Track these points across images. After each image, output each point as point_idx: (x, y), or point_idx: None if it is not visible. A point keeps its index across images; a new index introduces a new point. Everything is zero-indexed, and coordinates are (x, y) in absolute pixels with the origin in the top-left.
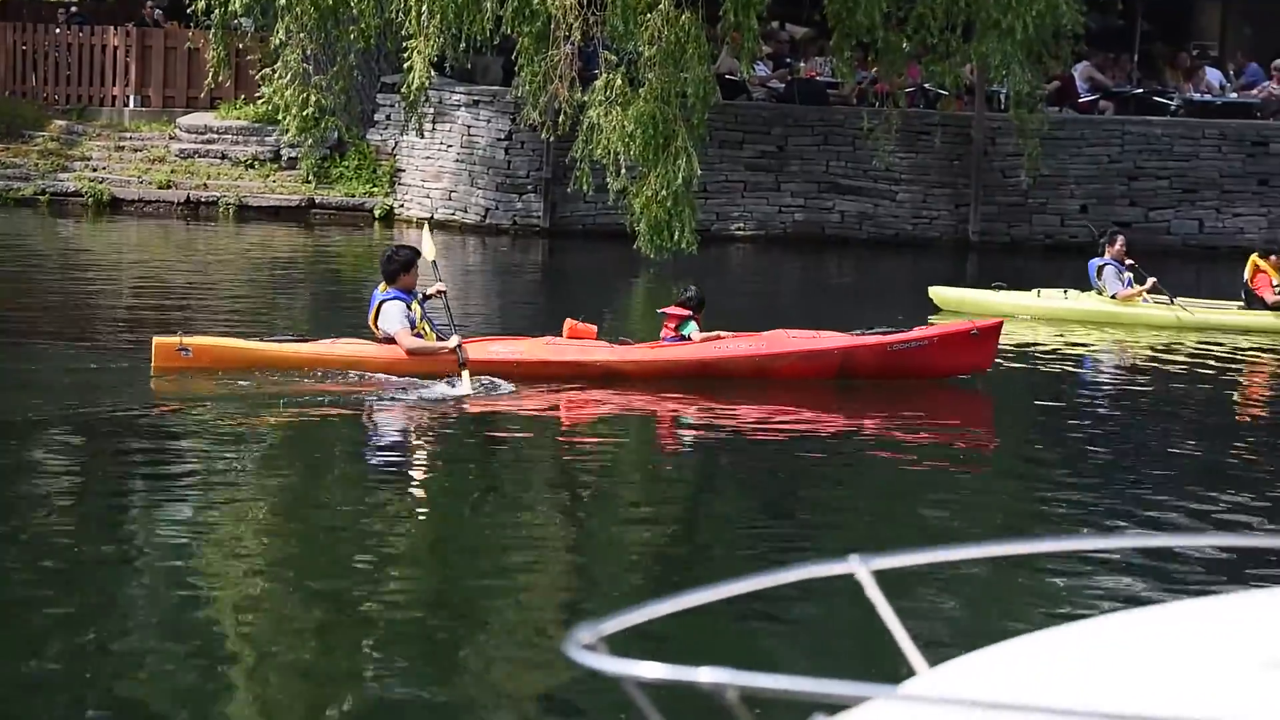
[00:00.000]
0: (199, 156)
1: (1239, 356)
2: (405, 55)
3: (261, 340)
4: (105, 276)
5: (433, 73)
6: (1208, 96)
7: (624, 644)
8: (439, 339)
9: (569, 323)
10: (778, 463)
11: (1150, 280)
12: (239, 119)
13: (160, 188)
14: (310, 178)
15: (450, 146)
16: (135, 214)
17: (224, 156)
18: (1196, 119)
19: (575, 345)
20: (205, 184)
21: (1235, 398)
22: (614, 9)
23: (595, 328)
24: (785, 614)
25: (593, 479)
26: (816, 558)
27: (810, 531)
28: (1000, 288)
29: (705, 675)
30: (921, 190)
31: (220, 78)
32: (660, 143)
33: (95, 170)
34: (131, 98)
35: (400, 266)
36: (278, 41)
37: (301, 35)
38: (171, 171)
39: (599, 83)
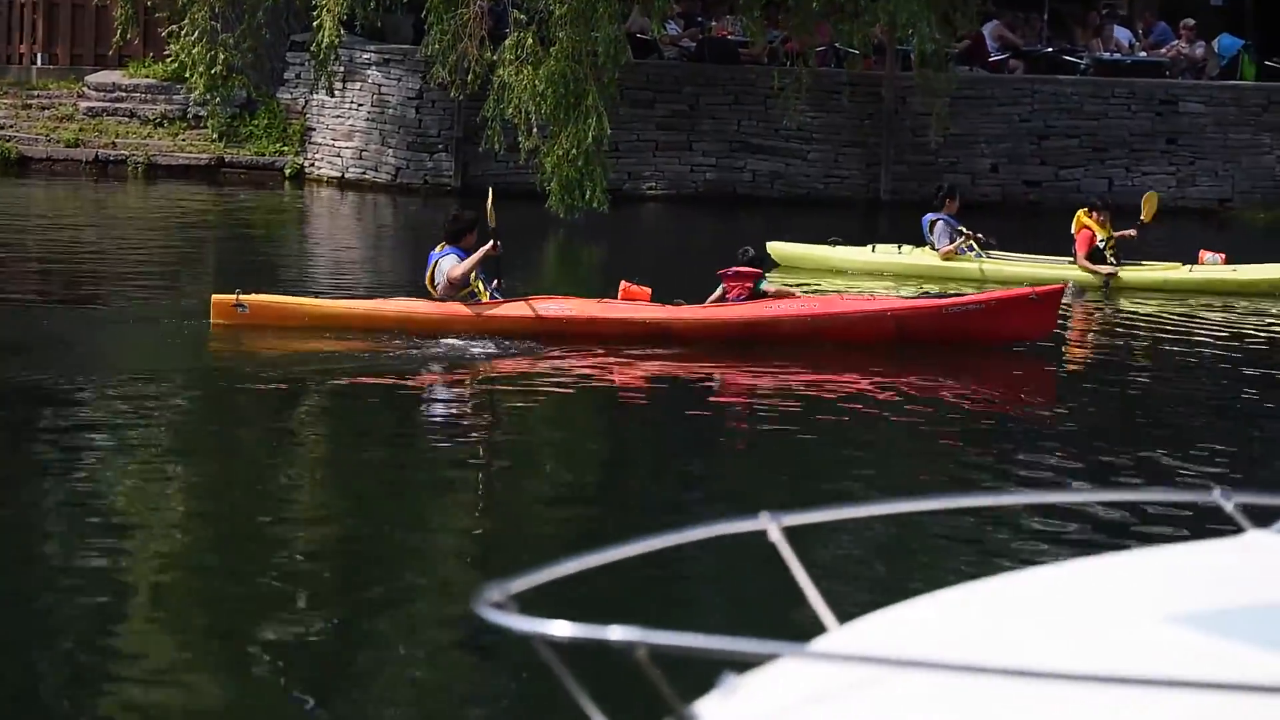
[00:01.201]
0: (107, 115)
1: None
2: (314, 13)
3: (318, 298)
4: (14, 239)
5: (342, 31)
6: (1117, 55)
7: (540, 603)
8: (490, 296)
9: (624, 284)
10: (734, 426)
11: (964, 235)
12: (147, 77)
13: (68, 146)
14: (219, 136)
15: (361, 105)
16: (44, 173)
17: (132, 115)
18: (1106, 78)
19: (625, 305)
20: (114, 143)
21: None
22: None
23: (649, 289)
24: (700, 572)
25: (549, 438)
26: (731, 515)
27: (725, 491)
28: (837, 242)
29: (615, 634)
30: (833, 149)
31: (128, 35)
32: (571, 102)
33: (2, 129)
34: (39, 55)
35: (465, 227)
36: None
37: None
38: (80, 130)
39: (509, 41)
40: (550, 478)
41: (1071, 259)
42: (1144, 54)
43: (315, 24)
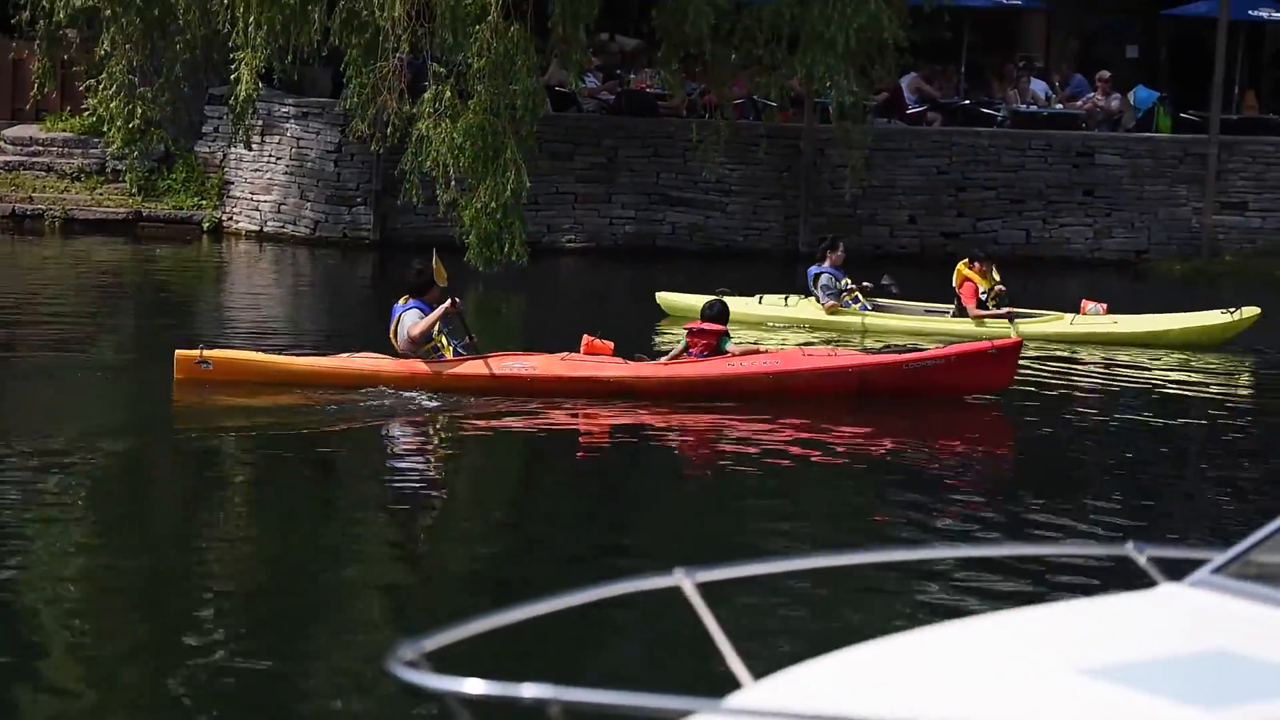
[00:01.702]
0: (24, 169)
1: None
2: (232, 66)
3: (281, 354)
4: None
5: (260, 84)
6: (1034, 108)
7: (452, 660)
8: (455, 352)
9: (587, 338)
10: (676, 482)
11: (850, 289)
12: (65, 131)
13: None
14: (137, 190)
15: (279, 159)
16: None
17: (50, 169)
18: (1023, 130)
19: (591, 361)
20: (30, 197)
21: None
22: (443, 21)
23: (612, 344)
24: (618, 628)
25: (495, 495)
26: (652, 571)
27: (656, 546)
28: (724, 293)
29: (529, 691)
30: (751, 202)
31: (45, 89)
32: (489, 155)
33: None
34: None
35: (429, 280)
36: (103, 53)
37: (127, 46)
38: None
39: (428, 94)
40: (489, 535)
41: (954, 311)
42: (1060, 106)
43: (233, 77)
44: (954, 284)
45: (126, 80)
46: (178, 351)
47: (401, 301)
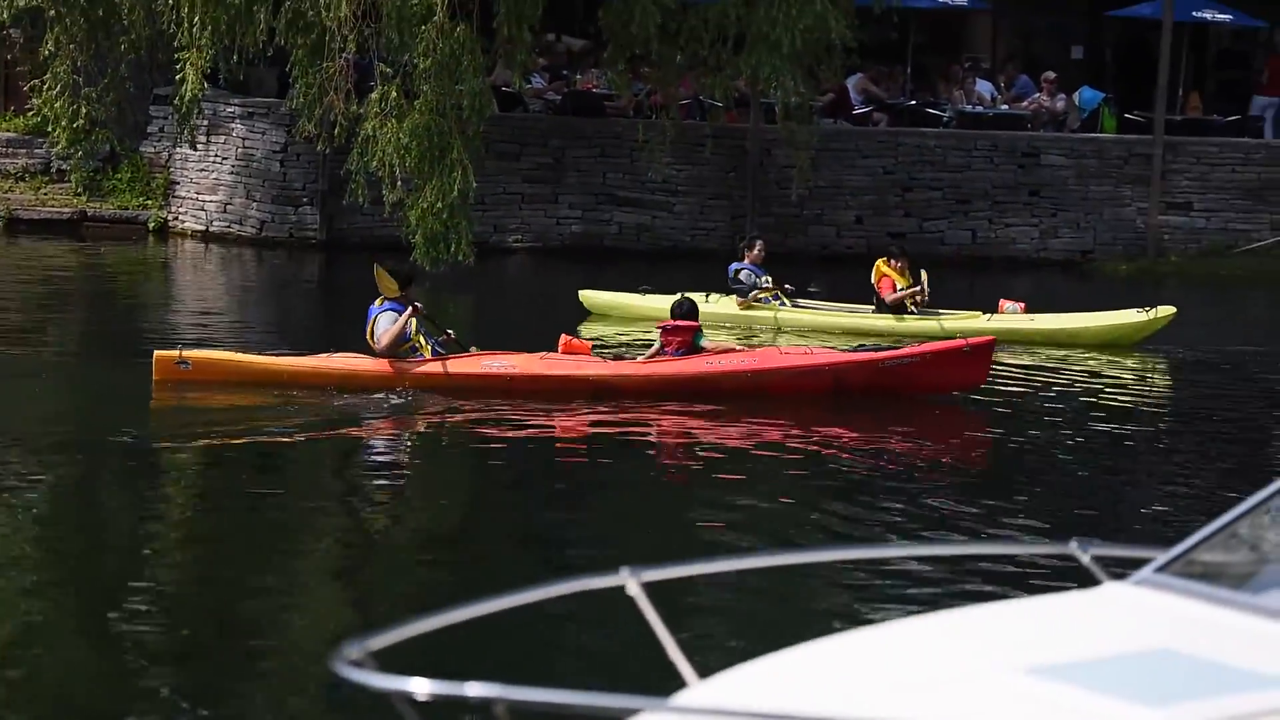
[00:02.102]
0: None
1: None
2: (178, 66)
3: (260, 354)
4: None
5: (206, 84)
6: (979, 108)
7: (399, 659)
8: (433, 350)
9: (564, 338)
10: (637, 481)
11: (767, 288)
12: (9, 131)
13: None
14: (82, 190)
15: (225, 159)
16: None
17: None
18: (969, 130)
19: (569, 360)
20: None
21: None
22: (389, 21)
23: (590, 344)
24: (565, 627)
25: (460, 494)
26: (598, 570)
27: (613, 543)
28: (647, 291)
29: (473, 690)
30: (698, 202)
31: None
32: (436, 155)
33: None
34: None
35: (402, 281)
36: (47, 52)
37: (71, 46)
38: None
39: (374, 95)
40: (451, 534)
41: (874, 307)
42: (1006, 107)
43: (178, 77)
44: (873, 281)
45: (71, 80)
46: (156, 352)
47: (377, 303)
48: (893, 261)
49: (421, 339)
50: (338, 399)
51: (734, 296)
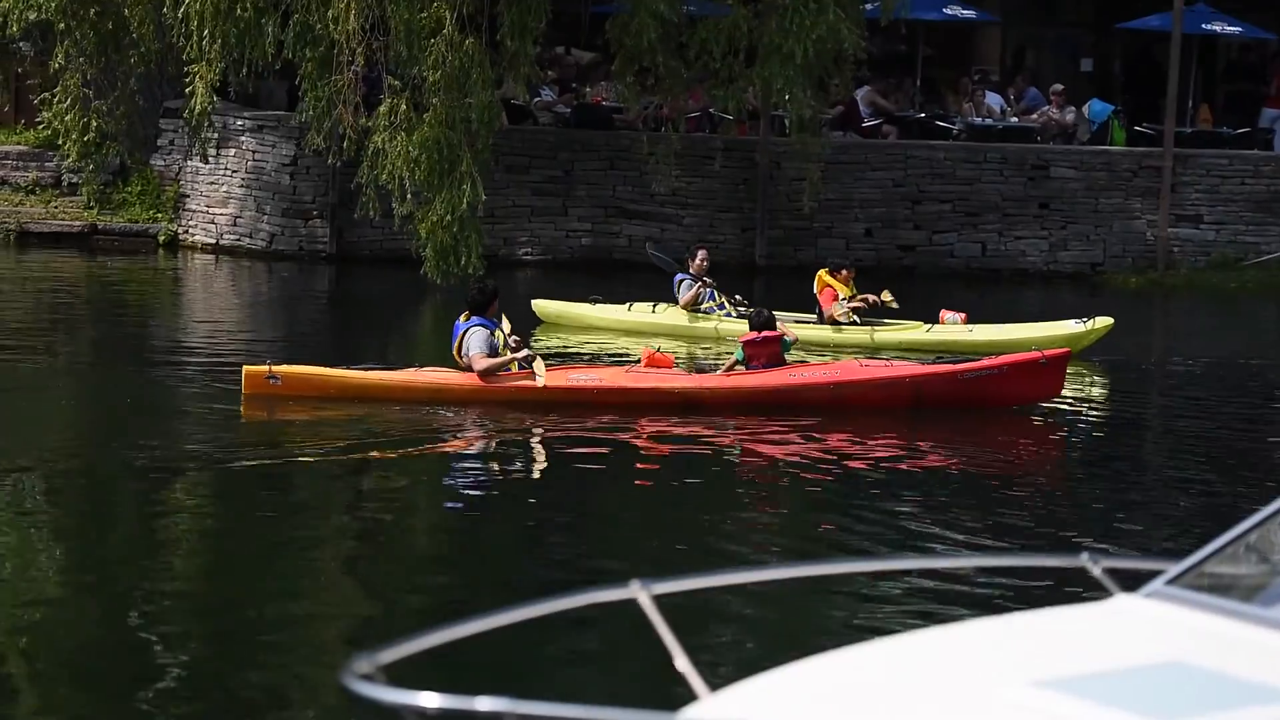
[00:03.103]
0: None
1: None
2: (188, 80)
3: (349, 368)
4: None
5: (216, 98)
6: (988, 121)
7: (410, 673)
8: (520, 365)
9: (647, 351)
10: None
11: (697, 288)
12: (19, 144)
13: None
14: (93, 203)
15: (235, 172)
16: None
17: (4, 182)
18: (978, 143)
19: (654, 374)
20: None
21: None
22: (398, 34)
23: (673, 357)
24: (573, 640)
25: (545, 506)
26: (608, 583)
27: (594, 555)
28: (596, 300)
29: (483, 704)
30: (708, 214)
31: None
32: (445, 168)
33: None
34: None
35: (489, 297)
36: (57, 66)
37: (81, 60)
38: None
39: (383, 108)
40: (521, 546)
41: (818, 319)
42: (1015, 119)
43: (188, 90)
44: (815, 291)
45: (81, 93)
46: (245, 367)
47: (464, 318)
48: (839, 272)
49: (508, 352)
50: (426, 413)
51: (678, 307)
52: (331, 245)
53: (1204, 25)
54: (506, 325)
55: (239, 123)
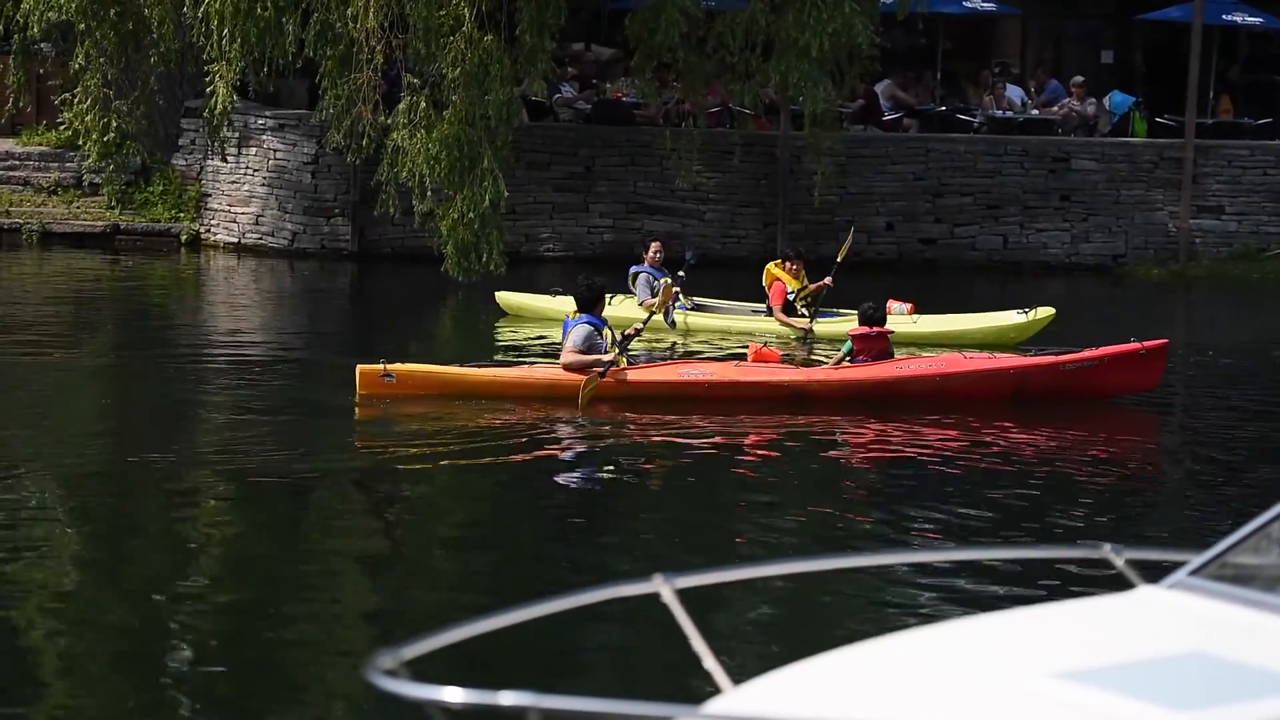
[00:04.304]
0: (0, 183)
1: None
2: (208, 79)
3: (463, 366)
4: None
5: (236, 96)
6: (1009, 113)
7: (436, 668)
8: (629, 361)
9: (753, 346)
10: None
11: (664, 285)
12: (41, 145)
13: None
14: (115, 203)
15: (256, 171)
16: None
17: (26, 183)
18: (999, 136)
19: (763, 368)
20: (8, 211)
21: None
22: (416, 32)
23: (778, 352)
24: (596, 634)
25: (652, 500)
26: (628, 578)
27: (613, 551)
28: (557, 293)
29: (507, 699)
30: (729, 209)
31: (21, 103)
32: (465, 165)
33: None
34: None
35: (597, 295)
36: (78, 66)
37: (102, 60)
38: None
39: (402, 105)
40: (567, 540)
41: (767, 311)
42: (1036, 112)
43: (209, 90)
44: (764, 283)
45: (101, 94)
46: (360, 366)
47: (572, 315)
48: (785, 265)
49: (617, 350)
50: (536, 409)
51: (634, 299)
52: (353, 243)
53: (1224, 16)
54: (637, 326)
55: (260, 121)
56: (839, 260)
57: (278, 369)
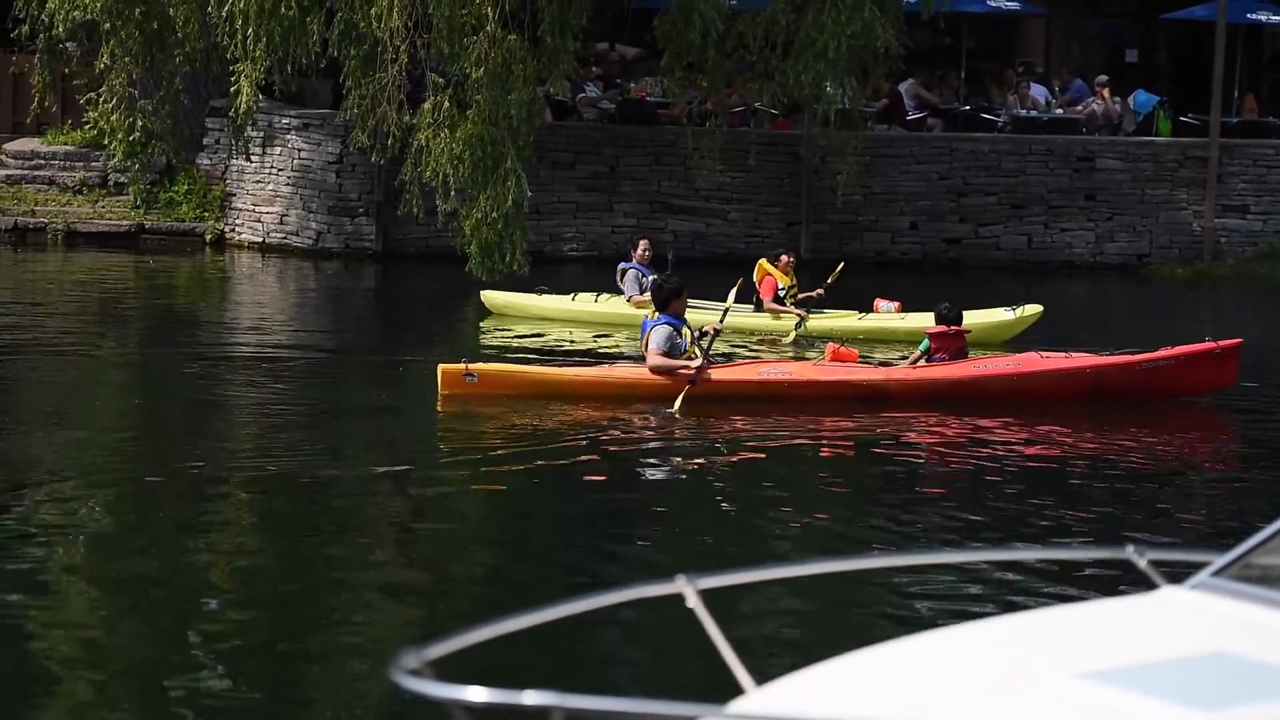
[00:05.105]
0: (26, 182)
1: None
2: (232, 79)
3: (544, 366)
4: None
5: (261, 96)
6: (1034, 113)
7: (459, 668)
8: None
9: (831, 346)
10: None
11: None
12: (66, 144)
13: None
14: (139, 203)
15: (281, 170)
16: None
17: (51, 182)
18: (1023, 135)
19: (842, 367)
20: (33, 210)
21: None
22: (440, 31)
23: (856, 351)
24: (620, 634)
25: (724, 497)
26: (653, 579)
27: (641, 552)
28: (542, 291)
29: (530, 698)
30: (753, 209)
31: (46, 103)
32: (489, 165)
33: None
34: None
35: (671, 294)
36: (103, 66)
37: (127, 60)
38: None
39: (426, 105)
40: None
41: (755, 307)
42: (1060, 111)
43: (233, 89)
44: (754, 279)
45: (126, 93)
46: (441, 366)
47: (651, 315)
48: (778, 261)
49: (697, 350)
50: (618, 409)
51: (622, 297)
52: (378, 243)
53: (1249, 15)
54: (715, 326)
55: (284, 121)
56: (829, 281)
57: (307, 368)
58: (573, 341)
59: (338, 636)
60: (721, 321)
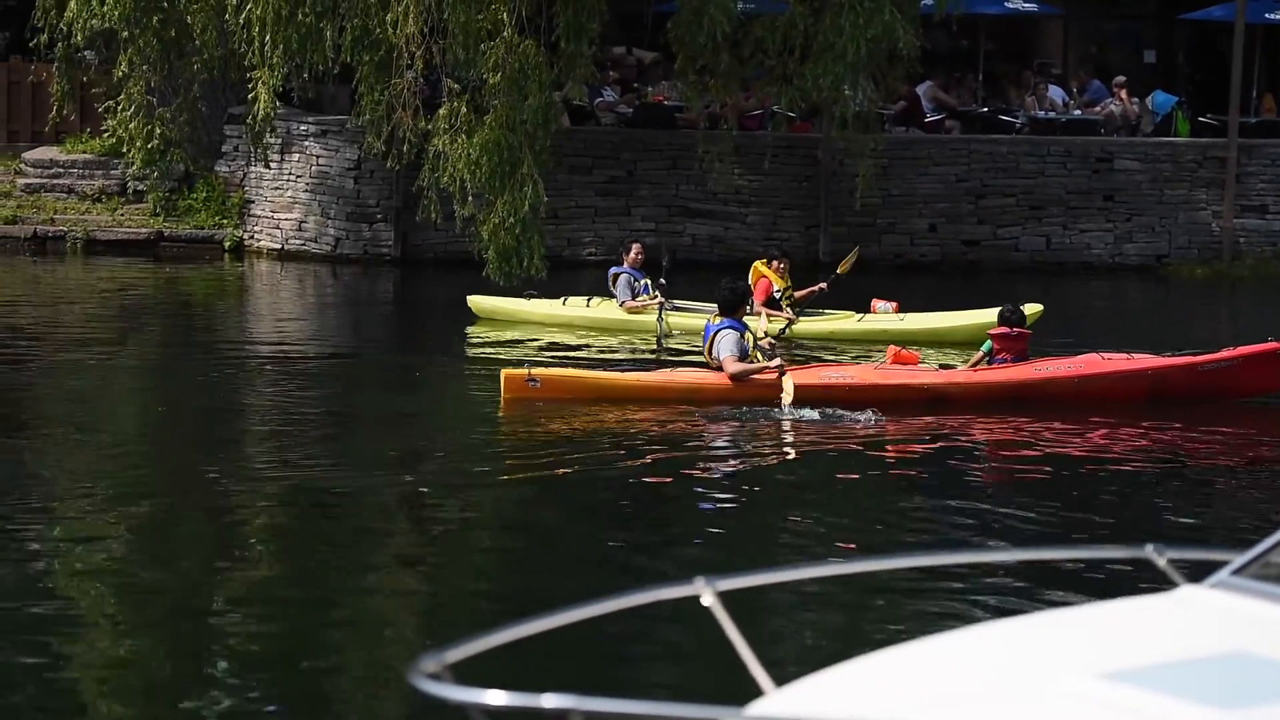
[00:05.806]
0: (45, 191)
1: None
2: (250, 86)
3: (605, 370)
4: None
5: (278, 103)
6: (1052, 114)
7: (477, 671)
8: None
9: (892, 349)
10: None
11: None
12: (85, 152)
13: (6, 223)
14: (158, 210)
15: (299, 177)
16: None
17: (70, 191)
18: (1041, 136)
19: (904, 370)
20: (52, 219)
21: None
22: (456, 37)
23: (918, 354)
24: (638, 636)
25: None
26: (672, 580)
27: (658, 552)
28: (531, 295)
29: (549, 701)
30: (771, 212)
31: (65, 111)
32: (506, 170)
33: None
34: None
35: (739, 299)
36: (121, 74)
37: (145, 67)
38: (17, 207)
39: (443, 110)
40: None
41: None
42: (1079, 112)
43: (251, 96)
44: (749, 281)
45: (145, 101)
46: (505, 370)
47: (714, 319)
48: (772, 264)
49: (759, 355)
50: (676, 415)
51: (613, 301)
52: (396, 249)
53: (1267, 14)
54: (760, 326)
55: (302, 128)
56: (839, 272)
57: (325, 374)
58: (586, 346)
59: (357, 640)
60: (787, 326)
